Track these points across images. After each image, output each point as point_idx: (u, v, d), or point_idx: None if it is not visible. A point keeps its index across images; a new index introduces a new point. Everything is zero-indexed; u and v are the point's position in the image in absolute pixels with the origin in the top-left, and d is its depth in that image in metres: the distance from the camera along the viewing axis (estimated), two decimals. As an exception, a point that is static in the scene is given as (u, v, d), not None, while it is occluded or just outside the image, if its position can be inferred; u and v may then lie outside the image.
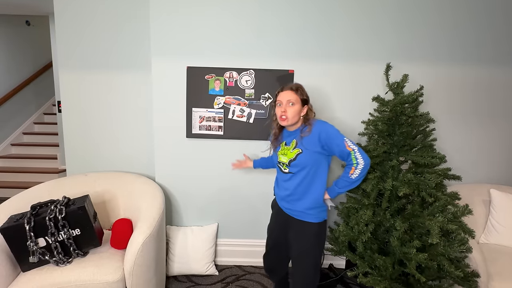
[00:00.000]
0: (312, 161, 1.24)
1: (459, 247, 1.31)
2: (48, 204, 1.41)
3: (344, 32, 1.76)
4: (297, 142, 1.27)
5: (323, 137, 1.22)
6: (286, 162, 1.29)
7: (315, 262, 1.28)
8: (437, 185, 1.41)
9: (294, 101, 1.26)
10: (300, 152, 1.25)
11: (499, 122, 1.88)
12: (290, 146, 1.29)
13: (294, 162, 1.26)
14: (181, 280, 1.86)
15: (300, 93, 1.28)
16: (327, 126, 1.25)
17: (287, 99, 1.26)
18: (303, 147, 1.24)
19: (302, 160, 1.24)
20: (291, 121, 1.27)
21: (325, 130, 1.23)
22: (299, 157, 1.25)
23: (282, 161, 1.32)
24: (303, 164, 1.24)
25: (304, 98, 1.29)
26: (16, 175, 3.43)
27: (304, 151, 1.24)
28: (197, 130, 1.85)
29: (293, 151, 1.27)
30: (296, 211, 1.30)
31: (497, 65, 1.80)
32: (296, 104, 1.26)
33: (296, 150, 1.26)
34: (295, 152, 1.26)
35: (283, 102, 1.27)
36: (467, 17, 1.75)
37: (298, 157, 1.25)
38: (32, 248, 1.28)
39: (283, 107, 1.27)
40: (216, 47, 1.78)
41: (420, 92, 1.49)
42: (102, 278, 1.30)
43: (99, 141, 2.02)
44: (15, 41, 3.89)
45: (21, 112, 3.98)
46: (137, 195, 1.73)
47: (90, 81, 1.95)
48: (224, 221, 2.01)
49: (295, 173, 1.28)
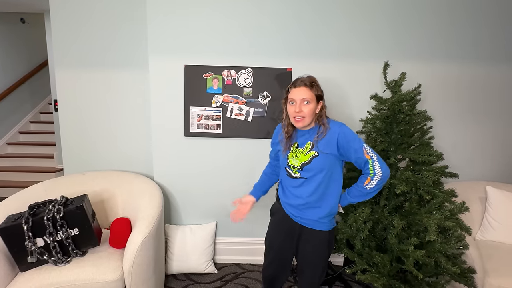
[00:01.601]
0: (328, 165, 1.14)
1: (456, 244, 1.33)
2: (46, 204, 1.40)
3: (341, 30, 1.76)
4: (313, 144, 1.15)
5: (341, 141, 1.11)
6: (298, 166, 1.18)
7: (324, 266, 1.26)
8: (434, 183, 1.42)
9: (310, 99, 1.12)
10: (316, 155, 1.14)
11: (495, 120, 1.90)
12: (305, 149, 1.18)
13: (308, 166, 1.15)
14: (180, 279, 1.86)
15: (315, 89, 1.14)
16: (346, 129, 1.14)
17: (302, 98, 1.12)
18: (318, 150, 1.13)
19: (317, 164, 1.13)
20: (307, 121, 1.14)
21: (344, 132, 1.12)
22: (314, 160, 1.14)
23: (293, 165, 1.20)
24: (318, 169, 1.14)
25: (319, 94, 1.16)
26: (13, 174, 3.40)
27: (320, 155, 1.13)
28: (195, 128, 1.84)
29: (308, 154, 1.16)
30: (308, 219, 1.20)
31: (494, 63, 1.82)
32: (312, 102, 1.12)
33: (311, 153, 1.15)
34: (310, 155, 1.15)
35: (297, 101, 1.13)
36: (463, 14, 1.76)
37: (313, 161, 1.14)
38: (30, 248, 1.28)
39: (298, 107, 1.12)
40: (214, 45, 1.78)
41: (417, 90, 1.50)
42: (101, 277, 1.30)
43: (97, 140, 2.01)
44: (9, 39, 3.84)
45: (17, 111, 3.94)
46: (136, 194, 1.73)
47: (87, 79, 1.93)
48: (222, 220, 2.02)
49: (308, 179, 1.17)
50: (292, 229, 1.25)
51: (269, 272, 1.39)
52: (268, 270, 1.39)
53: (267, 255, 1.38)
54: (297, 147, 1.21)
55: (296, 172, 1.20)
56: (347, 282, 1.85)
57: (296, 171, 1.20)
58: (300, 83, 1.14)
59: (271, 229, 1.37)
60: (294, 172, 1.20)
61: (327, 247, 1.23)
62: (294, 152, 1.21)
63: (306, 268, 1.26)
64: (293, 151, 1.22)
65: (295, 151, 1.21)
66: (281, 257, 1.33)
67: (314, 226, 1.20)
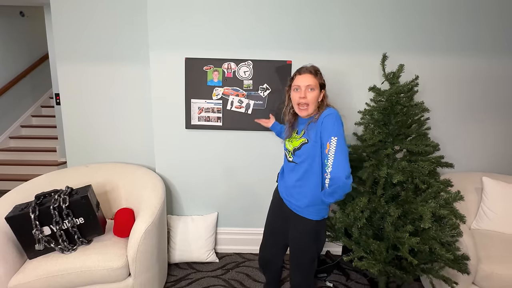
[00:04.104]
0: (315, 154, 1.14)
1: (450, 232, 1.36)
2: (51, 194, 1.44)
3: (341, 22, 1.77)
4: (304, 130, 1.18)
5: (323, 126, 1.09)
6: (291, 150, 1.23)
7: (311, 257, 1.26)
8: (430, 173, 1.45)
9: (314, 86, 1.15)
10: (305, 142, 1.16)
11: (492, 112, 1.91)
12: (300, 134, 1.21)
13: (298, 152, 1.19)
14: (182, 267, 1.91)
15: (319, 77, 1.18)
16: (332, 117, 1.08)
17: (307, 84, 1.14)
18: (308, 137, 1.16)
19: (305, 151, 1.16)
20: (311, 110, 1.16)
21: (328, 119, 1.08)
22: (304, 147, 1.16)
23: (288, 149, 1.25)
24: (305, 155, 1.16)
25: (322, 82, 1.19)
26: (16, 167, 3.44)
27: (310, 142, 1.15)
28: (196, 121, 1.87)
29: (299, 140, 1.19)
30: (295, 205, 1.24)
31: (495, 55, 1.82)
32: (316, 89, 1.15)
33: (302, 139, 1.18)
34: (301, 141, 1.18)
35: (302, 88, 1.15)
36: (463, 6, 1.76)
37: (303, 147, 1.17)
38: (37, 236, 1.32)
39: (302, 93, 1.15)
40: (214, 38, 1.79)
41: (415, 82, 1.51)
42: (106, 264, 1.35)
43: (99, 133, 2.04)
44: (9, 33, 3.84)
45: (18, 105, 3.97)
46: (138, 185, 1.77)
47: (89, 72, 1.95)
48: (223, 210, 2.06)
49: (298, 164, 1.20)
50: (284, 213, 1.31)
51: (263, 252, 1.47)
52: (263, 250, 1.48)
53: (265, 229, 1.47)
54: (296, 134, 1.26)
55: (290, 156, 1.25)
56: (345, 270, 1.90)
57: (290, 155, 1.25)
58: (305, 71, 1.19)
59: (271, 206, 1.46)
60: (289, 156, 1.26)
61: (314, 237, 1.23)
62: (292, 137, 1.27)
63: (293, 253, 1.31)
64: (292, 136, 1.28)
65: (293, 136, 1.27)
66: (273, 238, 1.42)
67: (300, 212, 1.22)
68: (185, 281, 1.78)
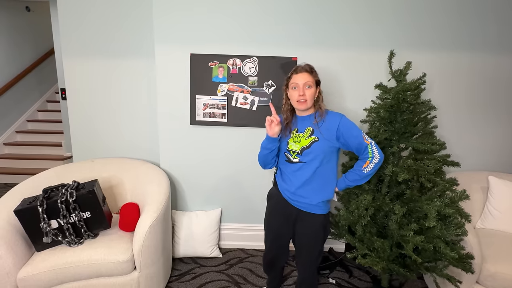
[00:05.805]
0: (326, 151, 1.22)
1: (455, 231, 1.35)
2: (59, 188, 1.46)
3: (347, 19, 1.75)
4: (313, 129, 1.24)
5: (342, 129, 1.20)
6: (298, 150, 1.25)
7: (320, 249, 1.33)
8: (436, 171, 1.44)
9: (311, 83, 1.22)
10: (316, 140, 1.22)
11: (500, 111, 1.89)
12: (305, 134, 1.25)
13: (307, 150, 1.22)
14: (186, 262, 1.93)
15: (314, 75, 1.25)
16: (346, 118, 1.24)
17: (304, 82, 1.21)
18: (320, 135, 1.22)
19: (316, 149, 1.21)
20: (309, 104, 1.23)
21: (344, 122, 1.22)
22: (314, 145, 1.21)
23: (293, 149, 1.27)
24: (316, 153, 1.21)
25: (318, 80, 1.26)
26: (22, 161, 3.50)
27: (320, 140, 1.21)
28: (201, 117, 1.87)
29: (308, 139, 1.23)
30: (304, 203, 1.26)
31: (504, 53, 1.79)
32: (313, 86, 1.22)
33: (312, 137, 1.23)
34: (310, 140, 1.23)
35: (300, 85, 1.22)
36: (471, 2, 1.72)
37: (313, 145, 1.22)
38: (45, 229, 1.34)
39: (301, 90, 1.21)
40: (219, 34, 1.78)
41: (422, 80, 1.49)
42: (112, 257, 1.37)
43: (105, 128, 2.05)
44: (16, 28, 3.86)
45: (25, 99, 4.01)
46: (143, 181, 1.78)
47: (95, 67, 1.96)
48: (227, 206, 2.07)
49: (306, 163, 1.23)
50: (289, 213, 1.31)
51: (269, 256, 1.46)
52: (268, 255, 1.46)
53: (266, 239, 1.46)
54: (297, 133, 1.28)
55: (296, 157, 1.26)
56: (348, 267, 1.90)
57: (295, 155, 1.26)
58: (301, 69, 1.24)
59: (268, 213, 1.43)
60: (294, 156, 1.27)
61: (323, 230, 1.30)
62: (295, 137, 1.28)
63: (303, 250, 1.33)
64: (293, 136, 1.29)
65: (296, 136, 1.28)
66: (279, 241, 1.41)
67: (310, 209, 1.27)
68: (189, 275, 1.80)
